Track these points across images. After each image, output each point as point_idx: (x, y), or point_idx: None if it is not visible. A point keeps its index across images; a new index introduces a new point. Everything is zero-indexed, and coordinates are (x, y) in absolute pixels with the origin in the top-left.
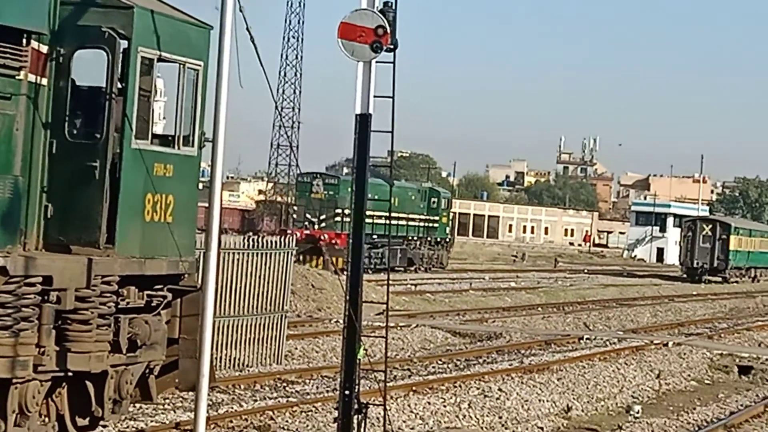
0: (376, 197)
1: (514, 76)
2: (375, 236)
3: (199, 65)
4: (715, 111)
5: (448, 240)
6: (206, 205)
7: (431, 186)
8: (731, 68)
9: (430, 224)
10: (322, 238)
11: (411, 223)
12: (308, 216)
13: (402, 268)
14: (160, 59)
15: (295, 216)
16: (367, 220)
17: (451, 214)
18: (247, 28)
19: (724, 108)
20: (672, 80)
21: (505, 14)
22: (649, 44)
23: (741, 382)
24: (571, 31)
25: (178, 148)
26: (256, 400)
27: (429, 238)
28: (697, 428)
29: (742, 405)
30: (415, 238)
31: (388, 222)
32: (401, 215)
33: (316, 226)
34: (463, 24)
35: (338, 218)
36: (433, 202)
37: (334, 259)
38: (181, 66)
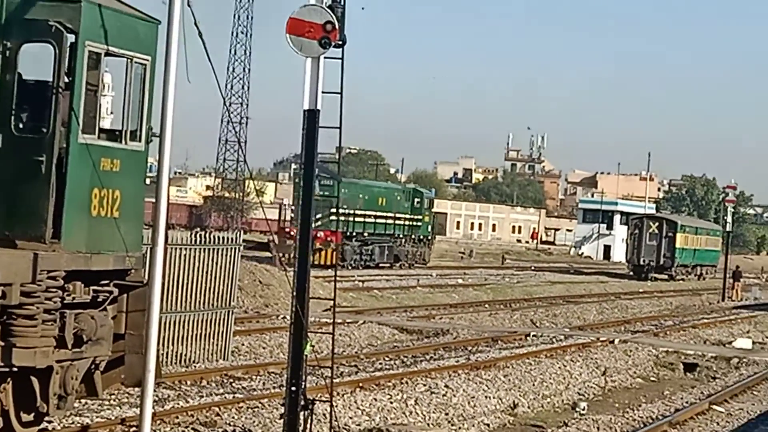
0: (366, 198)
1: (462, 73)
2: (366, 234)
3: (147, 60)
4: (662, 109)
5: (429, 238)
6: (153, 200)
7: (415, 187)
8: (679, 66)
9: (414, 223)
10: (318, 235)
11: (397, 222)
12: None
13: (388, 264)
14: (108, 54)
15: (293, 215)
16: (359, 220)
17: (431, 215)
18: (195, 23)
19: (671, 106)
20: (620, 78)
21: (453, 10)
22: (597, 42)
23: (686, 380)
24: (519, 28)
25: (126, 143)
26: (202, 396)
27: (413, 236)
28: (642, 425)
29: (687, 402)
30: (401, 236)
31: (337, 218)
32: (388, 214)
33: (313, 225)
34: (411, 21)
35: (334, 217)
36: (417, 202)
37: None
38: (129, 60)
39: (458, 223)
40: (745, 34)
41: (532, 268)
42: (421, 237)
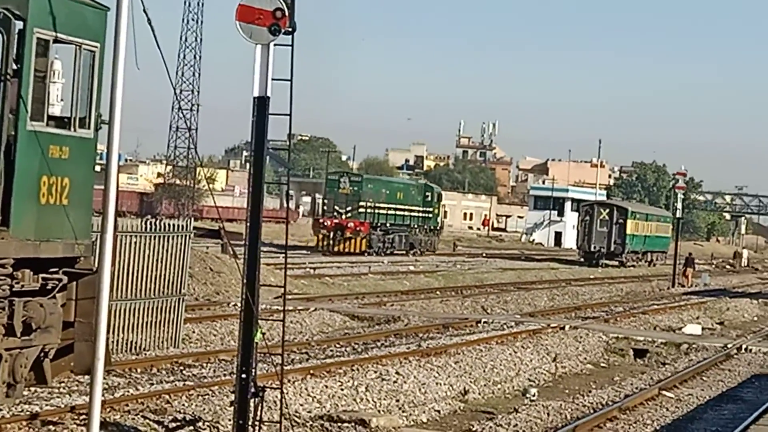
0: (387, 192)
1: (414, 59)
2: (388, 225)
3: (96, 47)
4: (612, 96)
5: (438, 228)
6: (103, 187)
7: (426, 182)
8: (628, 54)
9: (426, 215)
10: (348, 225)
11: (412, 213)
12: (336, 208)
13: (404, 251)
14: (56, 40)
15: (325, 207)
16: (382, 212)
17: (440, 207)
18: (144, 10)
19: (621, 93)
20: (570, 64)
21: None
22: (547, 29)
23: (636, 365)
24: (470, 14)
25: (75, 130)
26: (152, 384)
27: (425, 227)
28: (592, 411)
29: (637, 388)
30: (415, 226)
31: (286, 208)
32: (405, 207)
33: (344, 216)
34: (361, 7)
35: (361, 209)
36: (428, 196)
37: (356, 240)
38: (78, 47)
39: None
40: (693, 24)
41: (483, 254)
42: (432, 227)
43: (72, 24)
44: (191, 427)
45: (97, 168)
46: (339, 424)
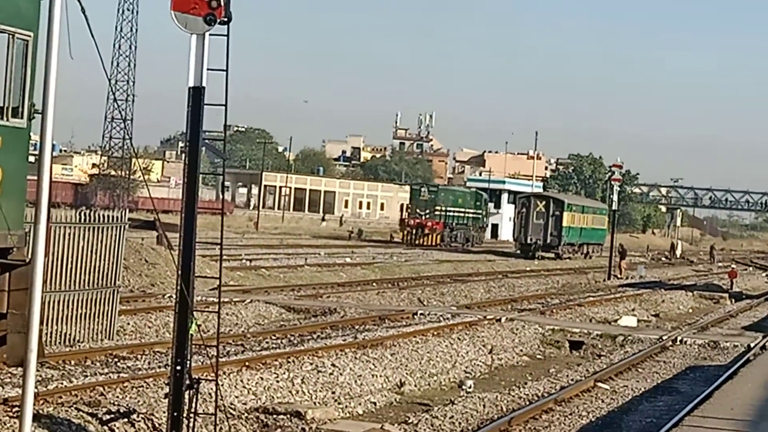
0: (452, 198)
1: (350, 49)
2: (454, 224)
3: (29, 35)
4: (548, 89)
5: (485, 226)
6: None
7: (476, 190)
8: (561, 47)
9: (477, 215)
10: (427, 224)
11: (468, 215)
12: (418, 210)
13: (460, 244)
14: None
15: (409, 210)
16: (450, 214)
17: (486, 210)
18: None
19: (557, 86)
20: (505, 58)
21: None
22: (480, 20)
23: (572, 357)
24: (406, 4)
25: (7, 120)
26: (86, 376)
27: (476, 225)
28: (528, 402)
29: (572, 380)
30: (470, 225)
31: (221, 199)
32: (464, 210)
33: (424, 217)
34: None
35: (437, 212)
36: (478, 201)
37: (432, 236)
38: (10, 36)
39: (346, 201)
40: (629, 19)
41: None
42: (480, 225)
43: (4, 12)
44: (125, 420)
45: (31, 158)
46: (274, 416)
